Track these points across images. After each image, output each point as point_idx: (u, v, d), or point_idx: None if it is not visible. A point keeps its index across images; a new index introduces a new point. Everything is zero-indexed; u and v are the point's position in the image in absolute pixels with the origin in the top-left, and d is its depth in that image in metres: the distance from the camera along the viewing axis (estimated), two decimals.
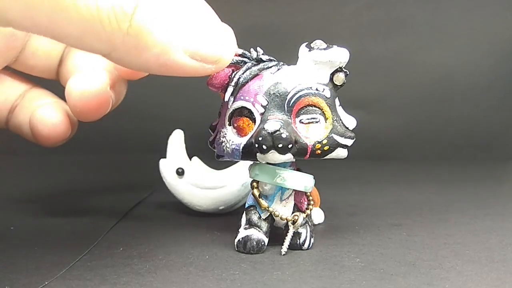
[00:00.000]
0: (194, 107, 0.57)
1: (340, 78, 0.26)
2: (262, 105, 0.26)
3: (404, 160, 0.59)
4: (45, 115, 0.30)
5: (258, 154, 0.25)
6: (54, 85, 0.33)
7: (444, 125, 0.63)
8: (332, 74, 0.26)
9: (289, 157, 0.25)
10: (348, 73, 0.27)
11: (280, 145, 0.25)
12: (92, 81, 0.28)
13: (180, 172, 0.34)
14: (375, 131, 0.61)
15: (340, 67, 0.26)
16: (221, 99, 0.27)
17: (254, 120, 0.26)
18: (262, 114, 0.26)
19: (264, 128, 0.25)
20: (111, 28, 0.20)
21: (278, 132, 0.25)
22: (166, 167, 0.34)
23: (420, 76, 0.63)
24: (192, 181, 0.34)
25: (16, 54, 0.30)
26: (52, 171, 0.51)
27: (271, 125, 0.25)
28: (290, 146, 0.25)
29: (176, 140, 0.35)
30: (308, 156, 0.26)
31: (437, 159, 0.61)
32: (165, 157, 0.35)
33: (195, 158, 0.36)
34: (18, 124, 0.32)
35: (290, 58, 0.27)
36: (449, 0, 0.63)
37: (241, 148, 0.26)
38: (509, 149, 0.63)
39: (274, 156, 0.25)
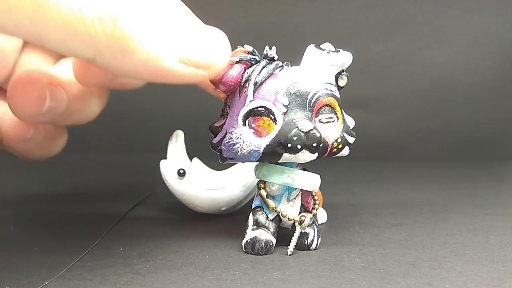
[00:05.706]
0: (194, 107, 0.57)
1: (344, 80, 0.27)
2: (284, 105, 0.25)
3: (404, 160, 0.59)
4: (5, 111, 0.29)
5: (286, 154, 0.25)
6: None
7: (444, 125, 0.63)
8: (336, 76, 0.27)
9: (316, 156, 0.25)
10: (348, 75, 0.27)
11: (314, 144, 0.25)
12: (28, 72, 0.27)
13: (181, 173, 0.33)
14: (375, 131, 0.61)
15: (342, 70, 0.27)
16: (220, 99, 0.27)
17: (274, 120, 0.25)
18: (284, 113, 0.25)
19: (298, 127, 0.25)
20: (95, 31, 0.19)
21: (312, 132, 0.25)
22: (167, 168, 0.34)
23: (420, 76, 0.63)
24: (194, 182, 0.34)
25: (6, 74, 0.29)
26: (52, 171, 0.50)
27: (306, 125, 0.25)
28: (321, 145, 0.25)
29: (177, 140, 0.35)
30: (326, 154, 0.26)
31: (437, 159, 0.61)
32: (165, 158, 0.35)
33: (195, 159, 0.36)
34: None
35: (290, 58, 0.27)
36: (449, 0, 0.63)
37: (262, 149, 0.25)
38: (509, 149, 0.63)
39: (304, 156, 0.25)
